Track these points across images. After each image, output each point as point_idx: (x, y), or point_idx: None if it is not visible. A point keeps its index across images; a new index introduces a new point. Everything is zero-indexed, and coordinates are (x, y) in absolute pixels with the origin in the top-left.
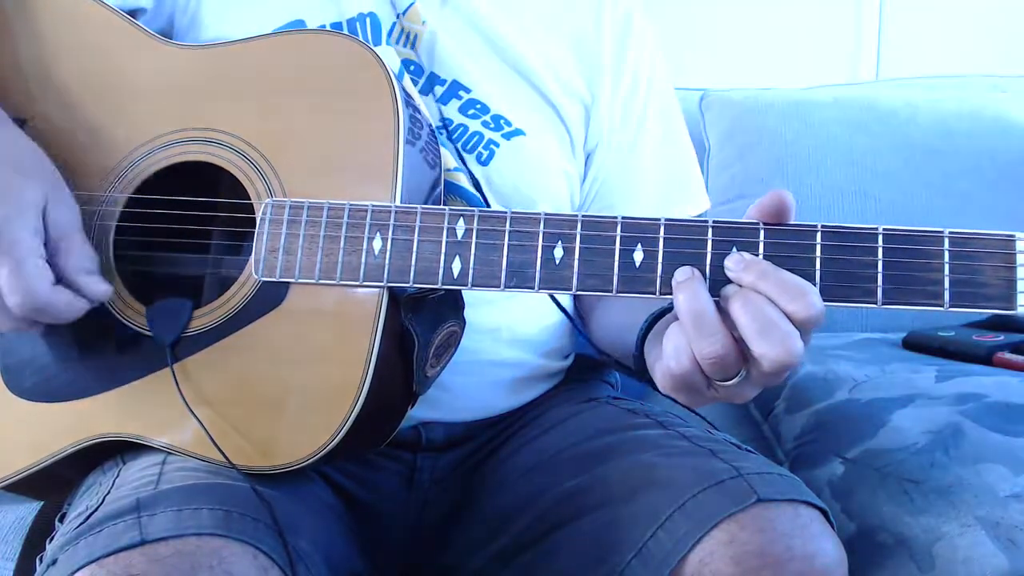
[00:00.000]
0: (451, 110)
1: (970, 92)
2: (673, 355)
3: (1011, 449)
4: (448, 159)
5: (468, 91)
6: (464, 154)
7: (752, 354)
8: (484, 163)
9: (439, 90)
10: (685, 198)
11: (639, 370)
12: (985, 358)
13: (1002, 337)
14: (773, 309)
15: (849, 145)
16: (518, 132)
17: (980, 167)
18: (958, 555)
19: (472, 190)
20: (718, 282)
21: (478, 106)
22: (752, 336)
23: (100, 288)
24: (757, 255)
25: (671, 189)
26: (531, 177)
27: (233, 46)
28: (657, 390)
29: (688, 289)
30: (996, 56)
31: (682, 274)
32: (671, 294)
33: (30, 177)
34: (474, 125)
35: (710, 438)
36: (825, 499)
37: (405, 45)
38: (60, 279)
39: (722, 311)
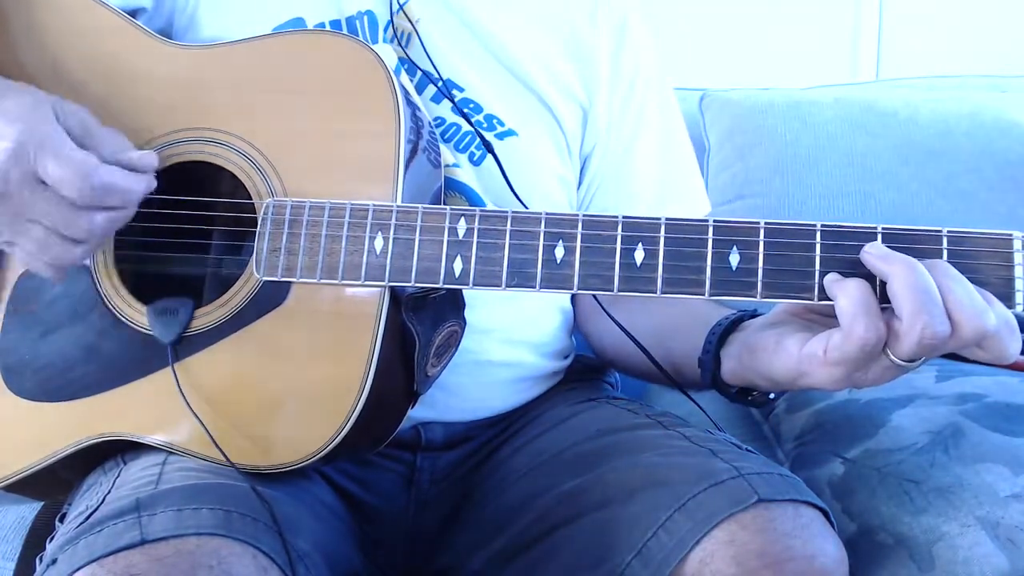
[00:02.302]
0: (444, 109)
1: (970, 92)
2: (864, 327)
3: (1011, 449)
4: (447, 155)
5: (461, 90)
6: (457, 154)
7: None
8: (476, 163)
9: (432, 89)
10: (683, 202)
11: (707, 370)
12: None
13: None
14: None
15: (849, 145)
16: (511, 133)
17: (980, 167)
18: (958, 555)
19: (472, 185)
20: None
21: (471, 105)
22: (958, 310)
23: (148, 158)
24: (757, 254)
25: (669, 193)
26: (524, 178)
27: (234, 46)
28: (726, 386)
29: (907, 261)
30: (996, 56)
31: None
32: (671, 293)
33: (31, 94)
34: (467, 125)
35: (710, 438)
36: (825, 499)
37: (398, 43)
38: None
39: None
